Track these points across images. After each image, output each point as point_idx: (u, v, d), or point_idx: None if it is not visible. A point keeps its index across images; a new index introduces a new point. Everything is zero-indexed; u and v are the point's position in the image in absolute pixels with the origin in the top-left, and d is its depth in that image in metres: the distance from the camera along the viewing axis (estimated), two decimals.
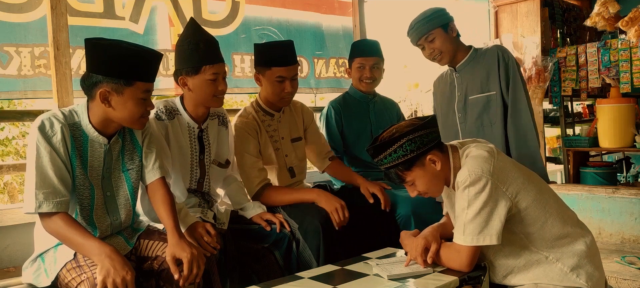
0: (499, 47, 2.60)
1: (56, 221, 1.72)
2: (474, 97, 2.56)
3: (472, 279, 1.77)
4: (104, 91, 1.75)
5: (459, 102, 2.61)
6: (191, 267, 1.76)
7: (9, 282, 2.05)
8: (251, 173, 2.41)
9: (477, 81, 2.55)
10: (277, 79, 2.43)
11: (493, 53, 2.54)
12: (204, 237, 2.00)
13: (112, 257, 1.66)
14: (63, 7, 2.47)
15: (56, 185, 1.72)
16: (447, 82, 2.69)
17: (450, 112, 2.65)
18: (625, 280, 3.05)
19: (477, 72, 2.56)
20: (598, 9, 4.22)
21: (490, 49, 2.58)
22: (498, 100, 2.51)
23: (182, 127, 2.23)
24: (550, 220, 1.75)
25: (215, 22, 3.12)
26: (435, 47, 2.50)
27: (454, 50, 2.55)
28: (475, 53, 2.59)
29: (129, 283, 1.64)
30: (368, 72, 2.90)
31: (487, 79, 2.53)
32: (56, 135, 1.75)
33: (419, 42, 2.53)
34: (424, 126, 1.76)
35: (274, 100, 2.50)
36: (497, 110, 2.51)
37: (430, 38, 2.49)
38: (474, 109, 2.56)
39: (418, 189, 1.82)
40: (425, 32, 2.48)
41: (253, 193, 2.42)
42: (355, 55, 2.93)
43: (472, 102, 2.57)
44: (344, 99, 2.98)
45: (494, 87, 2.51)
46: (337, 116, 2.89)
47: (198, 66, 2.11)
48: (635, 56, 4.07)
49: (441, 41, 2.49)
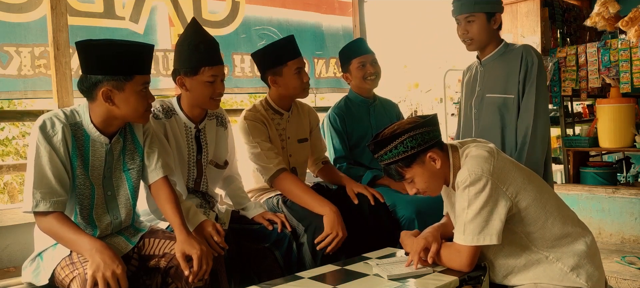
0: (526, 47, 2.47)
1: (50, 220, 1.73)
2: (491, 95, 2.47)
3: (472, 279, 1.77)
4: (106, 90, 1.76)
5: (477, 97, 2.52)
6: (201, 263, 1.78)
7: (8, 282, 2.05)
8: (268, 155, 2.38)
9: (497, 79, 2.45)
10: (296, 71, 2.44)
11: (518, 53, 2.43)
12: (214, 236, 2.00)
13: (102, 252, 1.67)
14: (63, 7, 2.47)
15: (53, 185, 1.74)
16: (472, 73, 2.60)
17: (468, 106, 2.58)
18: (625, 280, 3.05)
19: (499, 69, 2.46)
20: (598, 9, 4.22)
21: (516, 48, 2.47)
22: (515, 104, 2.40)
23: (179, 126, 2.23)
24: (551, 220, 1.75)
25: (215, 22, 3.12)
26: (470, 31, 2.41)
27: (487, 42, 2.45)
28: (503, 49, 2.48)
29: (119, 276, 1.65)
30: (371, 67, 2.87)
31: (507, 79, 2.43)
32: (57, 134, 1.76)
33: (458, 17, 2.43)
34: (425, 124, 1.76)
35: (296, 94, 2.51)
36: (512, 114, 2.40)
37: (470, 19, 2.39)
38: (489, 108, 2.47)
39: (417, 187, 1.82)
40: (468, 11, 2.38)
41: (271, 173, 2.36)
42: (353, 57, 2.89)
43: (488, 100, 2.47)
44: (345, 104, 2.94)
45: (513, 89, 2.41)
46: (341, 122, 2.86)
47: (197, 67, 2.11)
48: (635, 56, 4.07)
49: (479, 28, 2.40)
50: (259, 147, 2.38)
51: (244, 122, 2.44)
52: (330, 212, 2.23)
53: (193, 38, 2.12)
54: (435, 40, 5.45)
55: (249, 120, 2.44)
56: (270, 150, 2.40)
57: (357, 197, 2.50)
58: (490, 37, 2.44)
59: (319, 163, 2.77)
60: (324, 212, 2.24)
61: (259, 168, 2.40)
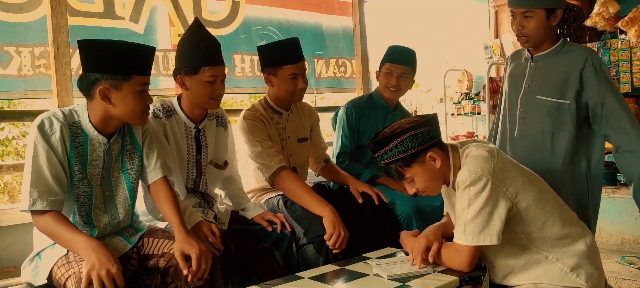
0: (590, 52, 2.25)
1: (46, 218, 1.73)
2: (543, 98, 2.25)
3: (472, 279, 1.77)
4: (103, 88, 1.77)
5: (523, 94, 2.32)
6: (200, 262, 1.78)
7: (8, 282, 2.05)
8: (269, 153, 2.37)
9: (552, 81, 2.25)
10: (290, 76, 2.43)
11: (580, 57, 2.20)
12: (209, 237, 2.00)
13: (97, 251, 1.67)
14: (63, 7, 2.47)
15: (51, 184, 1.74)
16: (520, 64, 2.39)
17: (512, 100, 2.38)
18: (625, 280, 3.05)
19: (555, 70, 2.24)
20: (598, 9, 4.22)
21: (579, 50, 2.25)
22: (569, 111, 2.20)
23: (179, 126, 2.23)
24: (551, 220, 1.75)
25: (215, 22, 3.12)
26: (526, 27, 2.22)
27: (544, 39, 2.25)
28: (561, 47, 2.26)
29: (114, 275, 1.65)
30: (394, 80, 2.80)
31: (565, 83, 2.21)
32: (55, 134, 1.77)
33: (515, 10, 2.24)
34: (425, 123, 1.76)
35: (288, 97, 2.49)
36: (565, 121, 2.21)
37: (528, 14, 2.19)
38: (539, 111, 2.27)
39: (417, 186, 1.82)
40: (526, 6, 2.19)
41: (272, 171, 2.35)
42: (386, 60, 2.83)
43: (539, 102, 2.26)
44: (366, 102, 2.89)
45: (569, 95, 2.19)
46: (356, 119, 2.83)
47: (197, 67, 2.11)
48: (635, 56, 4.08)
49: (536, 25, 2.20)
50: (259, 145, 2.38)
51: (243, 122, 2.44)
52: (330, 213, 2.23)
53: (195, 37, 2.13)
54: (435, 40, 5.46)
55: (248, 120, 2.43)
56: (271, 148, 2.40)
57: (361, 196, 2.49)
58: (547, 34, 2.24)
59: (320, 162, 2.77)
60: (323, 213, 2.24)
61: (260, 166, 2.39)
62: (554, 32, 2.27)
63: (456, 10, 5.31)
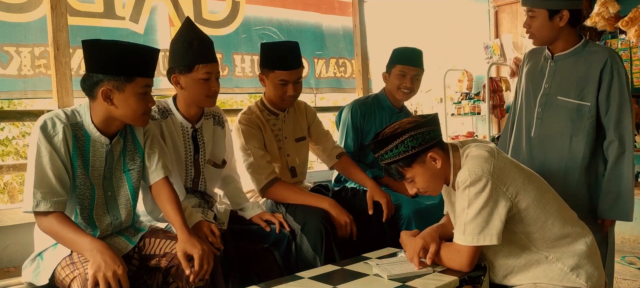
0: (611, 53, 2.23)
1: (50, 219, 1.73)
2: (564, 99, 2.23)
3: (472, 279, 1.77)
4: (106, 89, 1.77)
5: (543, 95, 2.30)
6: (202, 263, 1.79)
7: (8, 282, 2.05)
8: (260, 164, 2.38)
9: (572, 82, 2.22)
10: (279, 82, 2.41)
11: (602, 57, 2.18)
12: (209, 237, 2.01)
13: (103, 252, 1.67)
14: (63, 7, 2.47)
15: (54, 185, 1.74)
16: (539, 62, 2.36)
17: (529, 100, 2.36)
18: (625, 280, 3.05)
19: (576, 71, 2.22)
20: (598, 9, 4.22)
21: (600, 50, 2.23)
22: (589, 113, 2.18)
23: (175, 126, 2.23)
24: (551, 220, 1.75)
25: (215, 22, 3.12)
26: (532, 26, 2.23)
27: (553, 39, 2.24)
28: (582, 48, 2.23)
29: (120, 276, 1.65)
30: (408, 82, 2.78)
31: (585, 85, 2.19)
32: (58, 134, 1.77)
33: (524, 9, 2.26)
34: (426, 123, 1.76)
35: (277, 102, 2.50)
36: (584, 124, 2.20)
37: (531, 13, 2.22)
38: (559, 112, 2.25)
39: (417, 186, 1.82)
40: (527, 5, 2.22)
41: (262, 185, 2.37)
42: (398, 62, 2.80)
43: (560, 103, 2.24)
44: (372, 102, 2.87)
45: (589, 97, 2.18)
46: (361, 118, 2.81)
47: (191, 65, 2.11)
48: (635, 56, 4.08)
49: (539, 25, 2.21)
50: (252, 155, 2.38)
51: (238, 127, 2.44)
52: (330, 205, 2.30)
53: (187, 36, 2.13)
54: (435, 40, 5.45)
55: (243, 125, 2.43)
56: (262, 158, 2.39)
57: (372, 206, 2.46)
58: (556, 34, 2.22)
59: (333, 156, 2.70)
60: (323, 205, 2.30)
61: (251, 177, 2.41)
62: (567, 31, 2.23)
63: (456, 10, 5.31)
